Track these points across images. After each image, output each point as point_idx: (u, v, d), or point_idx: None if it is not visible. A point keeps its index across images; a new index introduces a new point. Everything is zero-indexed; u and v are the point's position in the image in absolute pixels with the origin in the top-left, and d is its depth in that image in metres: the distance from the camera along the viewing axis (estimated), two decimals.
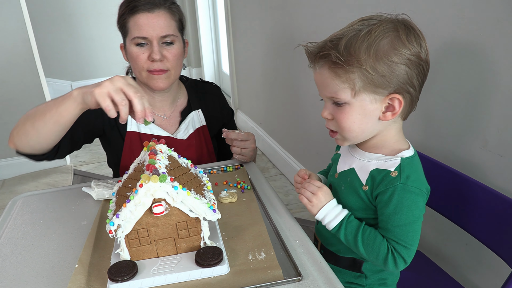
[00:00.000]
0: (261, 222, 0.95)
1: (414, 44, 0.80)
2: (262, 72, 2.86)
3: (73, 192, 1.18)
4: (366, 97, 0.82)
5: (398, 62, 0.79)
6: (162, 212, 0.78)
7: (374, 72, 0.79)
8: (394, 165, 0.85)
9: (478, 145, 1.14)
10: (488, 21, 1.05)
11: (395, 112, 0.84)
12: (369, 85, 0.81)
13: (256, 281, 0.77)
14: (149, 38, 1.22)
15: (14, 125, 1.09)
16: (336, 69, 0.82)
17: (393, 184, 0.83)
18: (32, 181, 2.90)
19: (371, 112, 0.84)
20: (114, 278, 0.75)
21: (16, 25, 2.76)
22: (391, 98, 0.82)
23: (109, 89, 0.89)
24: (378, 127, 0.87)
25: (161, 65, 1.24)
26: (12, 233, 0.99)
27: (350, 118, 0.85)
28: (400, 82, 0.81)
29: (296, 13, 2.17)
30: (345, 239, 0.89)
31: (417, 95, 0.85)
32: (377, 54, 0.79)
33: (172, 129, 1.38)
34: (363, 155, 0.92)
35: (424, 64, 0.83)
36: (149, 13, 1.21)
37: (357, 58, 0.79)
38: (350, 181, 0.92)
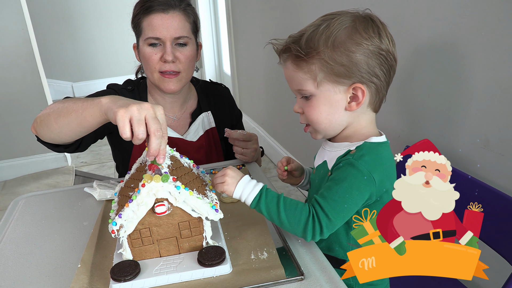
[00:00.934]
0: (263, 222, 0.95)
1: (372, 35, 0.82)
2: (264, 73, 2.86)
3: (75, 192, 1.19)
4: (329, 87, 0.85)
5: (356, 51, 0.82)
6: (164, 212, 0.78)
7: (333, 62, 0.82)
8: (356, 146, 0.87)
9: (479, 144, 1.14)
10: (489, 20, 1.05)
11: (359, 102, 0.85)
12: (330, 75, 0.84)
13: (259, 280, 0.76)
14: (162, 38, 1.21)
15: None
16: (298, 61, 0.86)
17: (346, 158, 0.85)
18: (34, 182, 2.90)
19: (336, 103, 0.86)
20: (116, 278, 0.76)
21: (17, 26, 2.77)
22: (354, 88, 0.85)
23: (133, 115, 0.80)
24: (346, 118, 0.89)
25: (173, 66, 1.23)
26: (14, 234, 0.99)
27: (317, 109, 0.88)
28: (361, 72, 0.83)
29: (297, 13, 2.17)
30: (267, 208, 0.84)
31: (384, 85, 0.87)
32: (334, 45, 0.82)
33: (182, 130, 1.37)
34: (332, 146, 0.94)
35: (386, 54, 0.84)
36: (163, 13, 1.20)
37: (316, 50, 0.83)
38: (322, 174, 0.94)
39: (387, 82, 0.87)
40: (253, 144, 1.27)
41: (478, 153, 1.15)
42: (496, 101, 1.07)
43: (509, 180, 1.07)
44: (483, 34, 1.07)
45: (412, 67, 1.36)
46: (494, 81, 1.07)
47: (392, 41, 0.86)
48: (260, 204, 0.84)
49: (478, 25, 1.08)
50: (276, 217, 0.84)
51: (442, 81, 1.23)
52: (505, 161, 1.08)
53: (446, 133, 1.25)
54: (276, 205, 0.84)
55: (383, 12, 1.43)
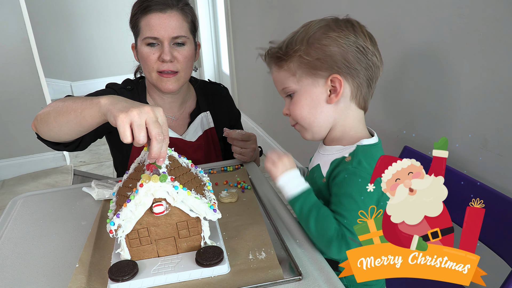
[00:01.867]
0: (262, 222, 0.95)
1: (344, 29, 0.87)
2: (262, 72, 2.86)
3: (73, 192, 1.18)
4: (309, 81, 0.89)
5: (328, 44, 0.86)
6: (162, 211, 0.78)
7: (309, 56, 0.87)
8: (350, 151, 0.87)
9: (478, 144, 1.14)
10: (487, 20, 1.05)
11: (338, 93, 0.88)
12: (307, 69, 0.88)
13: (257, 280, 0.76)
14: (160, 38, 1.21)
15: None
16: (279, 62, 0.92)
17: (345, 168, 0.85)
18: (32, 181, 2.90)
19: (317, 96, 0.90)
20: (114, 278, 0.75)
21: (16, 25, 2.76)
22: (331, 79, 0.87)
23: (133, 120, 0.79)
24: (331, 114, 0.91)
25: (171, 66, 1.23)
26: (12, 233, 0.99)
27: (299, 104, 0.91)
28: (337, 63, 0.86)
29: (296, 13, 2.17)
30: (300, 210, 0.86)
31: (365, 80, 0.89)
32: (309, 42, 0.88)
33: (181, 130, 1.37)
34: (325, 150, 0.95)
35: (363, 49, 0.87)
36: (161, 13, 1.20)
37: (293, 50, 0.89)
38: (315, 177, 0.94)
39: (370, 78, 0.90)
40: (252, 144, 1.27)
41: (476, 153, 1.15)
42: (494, 102, 1.07)
43: (507, 180, 1.07)
44: (481, 34, 1.08)
45: (410, 67, 1.36)
46: (492, 81, 1.07)
47: (370, 39, 0.89)
48: (295, 204, 0.88)
49: (477, 25, 1.08)
50: (305, 223, 0.87)
51: (440, 81, 1.23)
52: (503, 161, 1.08)
53: (444, 134, 1.25)
54: (308, 211, 0.86)
55: (378, 11, 1.43)
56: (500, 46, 1.03)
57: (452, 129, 1.23)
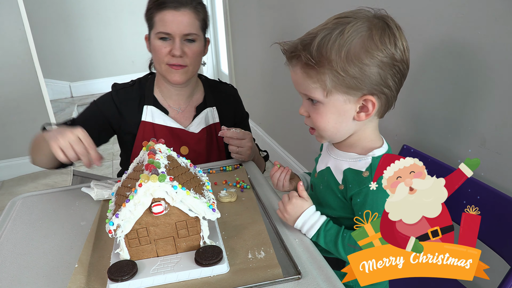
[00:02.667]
0: (261, 221, 0.96)
1: (388, 46, 0.79)
2: (261, 72, 2.86)
3: (72, 192, 1.19)
4: (339, 97, 0.83)
5: (370, 64, 0.78)
6: (161, 211, 0.78)
7: (345, 73, 0.79)
8: (366, 165, 0.85)
9: (476, 143, 1.14)
10: (486, 18, 1.05)
11: (368, 113, 0.84)
12: (340, 86, 0.81)
13: (256, 279, 0.77)
14: (172, 34, 1.28)
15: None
16: (307, 69, 0.82)
17: (365, 185, 0.83)
18: (31, 182, 2.89)
19: (345, 112, 0.84)
20: (114, 278, 0.76)
21: (14, 26, 2.76)
22: (364, 99, 0.82)
23: (60, 144, 1.02)
24: (354, 127, 0.87)
25: (180, 60, 1.29)
26: (11, 234, 0.99)
27: (325, 117, 0.86)
28: (373, 84, 0.80)
29: (295, 12, 2.17)
30: (326, 245, 0.88)
31: (394, 94, 0.85)
32: (347, 56, 0.78)
33: (186, 122, 1.42)
34: (337, 154, 0.92)
35: (400, 64, 0.81)
36: (175, 11, 1.27)
37: (328, 60, 0.79)
38: (327, 180, 0.93)
39: (398, 90, 0.86)
40: (248, 142, 1.29)
41: (475, 152, 1.15)
42: (493, 100, 1.08)
43: (505, 179, 1.07)
44: (479, 33, 1.08)
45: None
46: (490, 80, 1.07)
47: (406, 47, 0.82)
48: (320, 241, 0.88)
49: (475, 25, 1.09)
50: (336, 254, 0.87)
51: (438, 80, 1.24)
52: (502, 160, 1.08)
53: (443, 132, 1.25)
54: (334, 245, 0.86)
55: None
56: (497, 44, 1.03)
57: (448, 128, 1.23)
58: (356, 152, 0.89)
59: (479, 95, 1.11)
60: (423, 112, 1.33)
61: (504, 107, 1.05)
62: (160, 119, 1.37)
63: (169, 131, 1.37)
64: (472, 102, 1.14)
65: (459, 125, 1.20)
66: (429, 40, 1.25)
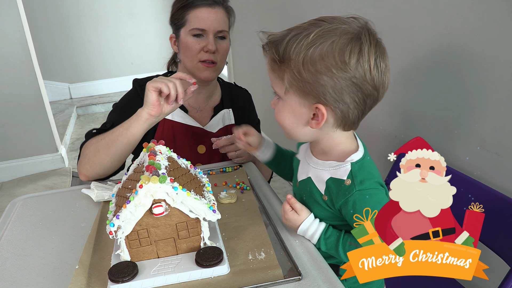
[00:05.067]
0: (261, 222, 0.96)
1: (346, 61, 0.76)
2: (260, 73, 2.86)
3: (72, 194, 1.18)
4: (295, 98, 0.83)
5: (323, 73, 0.77)
6: (162, 212, 0.78)
7: (299, 76, 0.79)
8: (346, 173, 0.84)
9: (475, 144, 1.15)
10: (485, 20, 1.05)
11: (318, 123, 0.82)
12: (296, 87, 0.81)
13: (256, 281, 0.77)
14: (207, 30, 1.32)
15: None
16: (273, 63, 0.85)
17: (350, 193, 0.83)
18: (31, 183, 2.89)
19: (300, 115, 0.84)
20: (114, 279, 0.76)
21: (14, 27, 2.76)
22: (316, 107, 0.81)
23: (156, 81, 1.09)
24: (312, 133, 0.86)
25: (212, 56, 1.34)
26: (11, 235, 0.99)
27: (282, 113, 0.87)
28: (325, 95, 0.79)
29: (294, 14, 2.18)
30: (328, 250, 0.89)
31: (355, 113, 0.82)
32: (304, 59, 0.78)
33: (204, 122, 1.45)
34: (317, 163, 0.91)
35: (360, 82, 0.78)
36: (210, 8, 1.33)
37: (288, 59, 0.80)
38: (309, 191, 0.92)
39: (361, 110, 0.82)
40: None
41: (474, 153, 1.16)
42: (491, 101, 1.08)
43: (505, 180, 1.08)
44: (478, 34, 1.08)
45: (407, 68, 1.36)
46: (490, 81, 1.08)
47: (375, 66, 0.78)
48: (322, 246, 0.89)
49: (473, 27, 1.09)
50: (338, 256, 0.88)
51: (438, 81, 1.24)
52: (501, 161, 1.08)
53: (442, 133, 1.26)
54: (336, 252, 0.87)
55: (379, 16, 1.44)
56: (496, 47, 1.04)
57: (448, 129, 1.23)
58: (334, 159, 0.88)
59: (478, 96, 1.12)
60: (422, 113, 1.34)
61: (503, 109, 1.05)
62: (180, 117, 1.39)
63: (188, 130, 1.39)
64: (471, 103, 1.14)
65: (458, 127, 1.20)
66: (428, 42, 1.26)
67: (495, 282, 0.94)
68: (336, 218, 0.89)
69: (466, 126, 1.17)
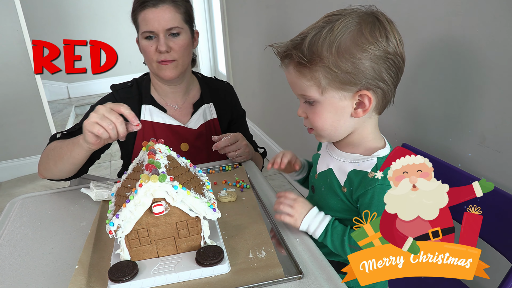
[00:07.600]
0: (261, 221, 0.95)
1: (379, 39, 0.79)
2: (259, 72, 2.86)
3: (71, 193, 1.18)
4: (334, 94, 0.82)
5: (362, 58, 0.78)
6: (162, 211, 0.78)
7: (337, 69, 0.79)
8: (371, 166, 0.85)
9: (476, 141, 1.14)
10: (485, 17, 1.05)
11: (365, 109, 0.83)
12: (334, 82, 0.81)
13: (257, 279, 0.76)
14: (155, 31, 1.30)
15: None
16: (300, 68, 0.83)
17: (371, 186, 0.83)
18: (30, 183, 2.89)
19: (342, 110, 0.84)
20: (114, 279, 0.75)
21: (11, 27, 2.75)
22: (360, 94, 0.82)
23: (94, 118, 0.99)
24: (352, 124, 0.87)
25: (168, 56, 1.31)
26: (10, 235, 0.99)
27: (322, 116, 0.86)
28: (367, 78, 0.80)
29: (292, 12, 2.17)
30: (333, 245, 0.88)
31: (391, 89, 0.84)
32: (338, 51, 0.78)
33: (184, 119, 1.43)
34: (340, 155, 0.91)
35: (394, 57, 0.81)
36: (154, 8, 1.30)
37: (319, 57, 0.79)
38: (329, 182, 0.92)
39: (395, 85, 0.85)
40: (242, 141, 1.31)
41: (475, 150, 1.15)
42: (492, 98, 1.08)
43: (505, 177, 1.08)
44: (478, 31, 1.08)
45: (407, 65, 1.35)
46: (490, 78, 1.07)
47: (399, 40, 0.82)
48: (327, 241, 0.88)
49: (474, 23, 1.09)
50: (342, 254, 0.87)
51: (438, 78, 1.24)
52: (501, 158, 1.08)
53: (442, 130, 1.25)
54: (341, 243, 0.86)
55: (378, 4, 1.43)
56: (497, 43, 1.03)
57: (448, 126, 1.23)
58: (359, 152, 0.89)
59: (478, 93, 1.11)
60: (423, 110, 1.33)
61: (503, 105, 1.05)
62: (159, 117, 1.38)
63: (169, 129, 1.38)
64: (472, 100, 1.14)
65: (459, 124, 1.20)
66: (428, 38, 1.25)
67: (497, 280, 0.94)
68: (349, 210, 0.89)
69: (466, 123, 1.17)
